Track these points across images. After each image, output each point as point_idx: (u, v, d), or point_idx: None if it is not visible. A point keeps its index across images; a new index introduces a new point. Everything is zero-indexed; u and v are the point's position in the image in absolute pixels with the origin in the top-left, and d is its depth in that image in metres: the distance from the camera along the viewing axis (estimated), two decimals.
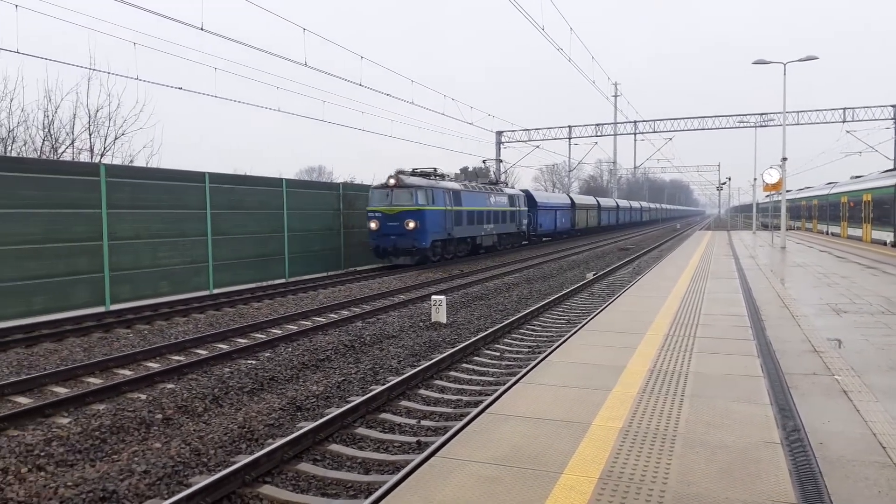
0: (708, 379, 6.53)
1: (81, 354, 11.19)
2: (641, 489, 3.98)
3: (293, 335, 12.61)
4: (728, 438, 4.83)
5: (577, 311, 15.90)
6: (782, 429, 5.08)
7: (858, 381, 6.46)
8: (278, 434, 7.46)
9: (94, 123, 26.97)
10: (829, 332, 8.94)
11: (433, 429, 7.64)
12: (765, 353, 7.69)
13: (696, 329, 9.16)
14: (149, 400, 8.52)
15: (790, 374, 6.75)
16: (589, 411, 5.53)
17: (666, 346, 8.04)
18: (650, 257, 31.75)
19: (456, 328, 13.73)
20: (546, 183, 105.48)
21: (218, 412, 8.26)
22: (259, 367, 10.27)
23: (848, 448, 4.71)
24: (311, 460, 6.70)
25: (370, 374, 10.10)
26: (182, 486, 6.06)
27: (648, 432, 4.99)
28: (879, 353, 7.68)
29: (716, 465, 4.34)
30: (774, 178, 30.67)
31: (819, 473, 4.25)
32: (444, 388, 9.39)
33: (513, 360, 10.96)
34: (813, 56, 27.27)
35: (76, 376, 9.82)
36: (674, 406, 5.64)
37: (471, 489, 4.03)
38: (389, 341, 12.41)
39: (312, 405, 8.55)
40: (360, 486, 6.09)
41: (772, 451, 4.56)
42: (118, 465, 6.49)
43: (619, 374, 6.73)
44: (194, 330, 13.43)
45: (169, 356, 11.18)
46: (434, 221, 26.28)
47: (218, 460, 6.70)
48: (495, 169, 55.13)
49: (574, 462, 4.43)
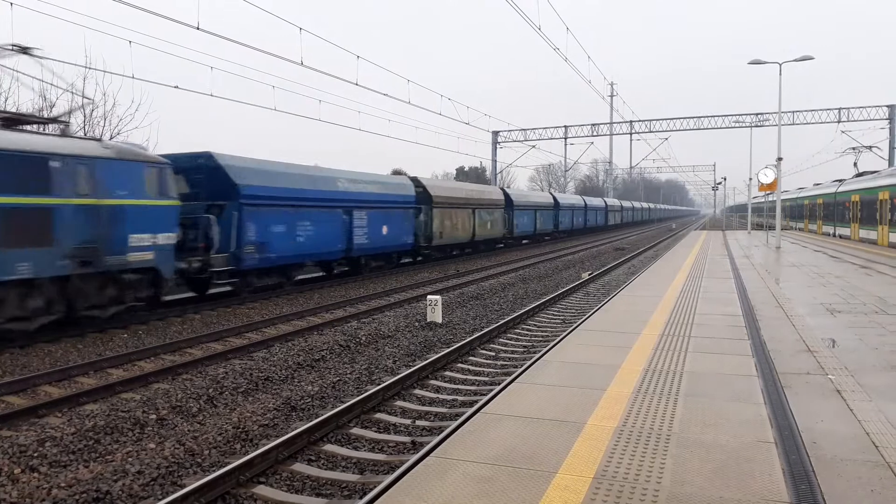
0: (702, 378, 6.54)
1: (75, 354, 11.15)
2: (636, 489, 3.98)
3: (288, 335, 12.59)
4: (722, 438, 4.84)
5: (572, 310, 15.91)
6: (776, 428, 5.09)
7: (852, 381, 6.47)
8: (273, 434, 7.44)
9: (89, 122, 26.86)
10: (823, 332, 8.97)
11: (428, 429, 7.63)
12: (759, 353, 7.71)
13: (690, 328, 9.17)
14: (143, 400, 8.49)
15: (784, 374, 6.77)
16: (584, 411, 5.54)
17: (661, 346, 8.05)
18: (646, 257, 31.80)
19: (451, 328, 13.73)
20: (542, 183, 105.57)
21: (212, 412, 8.24)
22: (254, 367, 10.24)
23: (841, 447, 4.72)
24: (306, 460, 6.69)
25: (365, 374, 10.08)
26: (176, 486, 6.04)
27: (643, 432, 4.99)
28: (873, 353, 7.70)
29: (710, 464, 4.34)
30: (770, 179, 30.78)
31: (812, 473, 4.26)
32: (439, 387, 9.39)
33: (508, 360, 10.96)
34: (808, 56, 27.36)
35: (70, 376, 9.78)
36: (668, 405, 5.65)
37: (465, 489, 4.02)
38: (385, 341, 12.40)
39: (307, 405, 8.53)
40: (355, 486, 6.08)
41: (766, 451, 4.57)
42: (112, 465, 6.47)
43: (614, 374, 6.73)
44: (189, 330, 13.39)
45: (163, 356, 11.14)
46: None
47: (212, 461, 6.68)
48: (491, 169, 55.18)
49: (569, 462, 4.43)
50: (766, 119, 51.17)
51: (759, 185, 32.39)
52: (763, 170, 30.93)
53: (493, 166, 60.98)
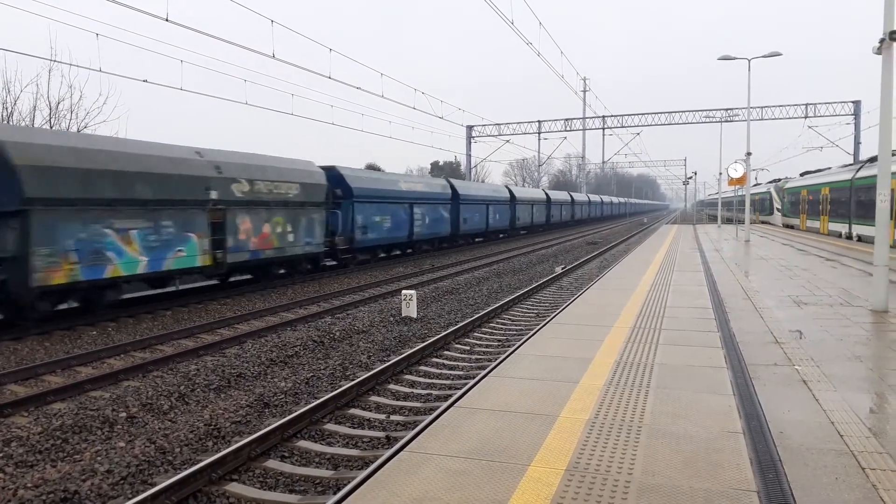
0: (673, 370, 6.63)
1: (42, 353, 10.93)
2: (607, 480, 4.03)
3: (261, 331, 12.48)
4: (692, 429, 4.91)
5: (546, 304, 16.01)
6: (744, 418, 5.18)
7: (818, 371, 6.62)
8: (246, 431, 7.38)
9: (55, 116, 26.29)
10: (790, 324, 9.14)
11: (403, 423, 7.63)
12: (728, 345, 7.84)
13: (661, 321, 9.29)
14: (112, 398, 8.37)
15: (753, 365, 6.89)
16: (556, 403, 5.58)
17: (632, 339, 8.14)
18: (618, 251, 32.12)
19: (426, 322, 13.73)
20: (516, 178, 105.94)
21: (184, 410, 8.14)
22: (226, 363, 10.14)
23: (807, 436, 4.82)
24: (279, 457, 6.65)
25: (339, 369, 10.04)
26: (147, 485, 5.96)
27: (614, 424, 5.05)
28: (838, 344, 7.88)
29: (680, 455, 4.41)
30: (739, 173, 31.24)
31: (779, 461, 4.34)
32: (414, 382, 9.39)
33: (482, 354, 10.99)
34: (777, 52, 27.81)
35: (37, 375, 9.59)
36: (639, 397, 5.72)
37: (439, 483, 4.03)
38: (359, 336, 12.36)
39: (281, 402, 8.48)
40: (329, 482, 6.06)
41: (734, 441, 4.65)
42: (80, 465, 6.36)
43: (586, 367, 6.80)
44: (160, 327, 13.20)
45: (134, 353, 10.97)
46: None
47: (184, 458, 6.61)
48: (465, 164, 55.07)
49: (541, 454, 4.46)
50: (736, 114, 51.99)
51: (729, 180, 32.88)
52: (733, 164, 31.37)
53: (468, 161, 61.05)
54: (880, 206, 9.91)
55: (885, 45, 9.49)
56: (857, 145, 48.29)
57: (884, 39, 9.45)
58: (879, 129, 9.98)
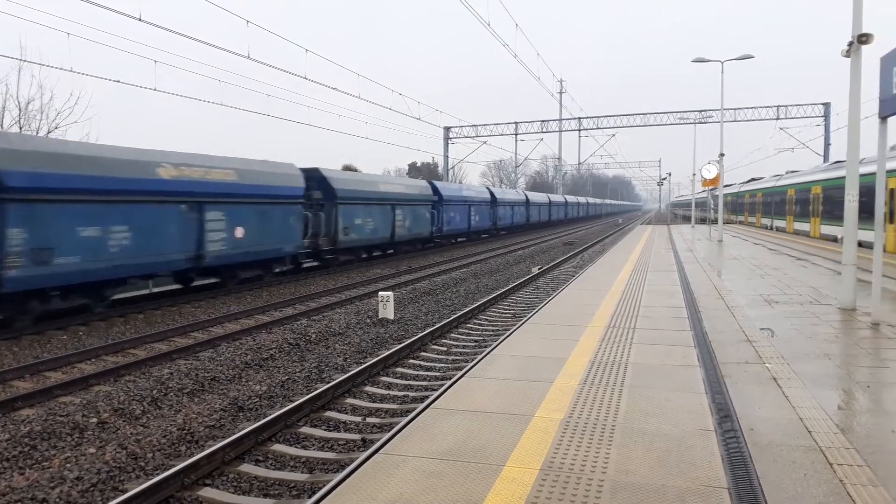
0: (646, 369, 6.69)
1: (10, 357, 10.70)
2: (581, 479, 4.05)
3: (236, 334, 12.36)
4: (665, 427, 4.96)
5: (522, 304, 16.08)
6: (716, 416, 5.25)
7: (788, 369, 6.73)
8: (220, 435, 7.30)
9: (24, 116, 25.80)
10: (761, 322, 9.28)
11: (379, 426, 7.61)
12: (701, 344, 7.93)
13: (636, 321, 9.38)
14: (83, 404, 8.22)
15: (724, 364, 6.98)
16: (531, 403, 5.60)
17: (607, 338, 8.21)
18: (594, 251, 32.36)
19: (403, 324, 13.70)
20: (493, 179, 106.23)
21: (157, 414, 8.03)
22: (200, 367, 10.03)
23: (777, 433, 4.90)
24: (254, 461, 6.59)
25: (315, 372, 9.98)
26: (118, 491, 5.86)
27: (588, 423, 5.08)
28: (808, 342, 8.01)
29: (653, 453, 4.45)
30: (713, 174, 31.69)
31: (749, 458, 4.41)
32: (390, 384, 9.36)
33: (459, 355, 11.00)
34: (749, 55, 28.27)
35: (4, 380, 9.38)
36: (613, 396, 5.76)
37: (414, 485, 4.02)
38: (335, 338, 12.30)
39: (255, 405, 8.40)
40: (304, 485, 6.02)
41: (706, 439, 4.71)
42: (49, 472, 6.24)
43: (561, 366, 6.83)
44: (132, 330, 13.01)
45: (105, 357, 10.80)
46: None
47: (156, 464, 6.52)
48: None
49: (516, 454, 4.48)
50: (710, 116, 52.66)
51: (703, 181, 33.32)
52: (706, 165, 31.81)
53: (446, 162, 61.07)
54: (849, 206, 10.10)
55: (853, 49, 9.67)
56: (826, 146, 49.15)
57: (852, 42, 9.64)
58: (848, 131, 10.19)
